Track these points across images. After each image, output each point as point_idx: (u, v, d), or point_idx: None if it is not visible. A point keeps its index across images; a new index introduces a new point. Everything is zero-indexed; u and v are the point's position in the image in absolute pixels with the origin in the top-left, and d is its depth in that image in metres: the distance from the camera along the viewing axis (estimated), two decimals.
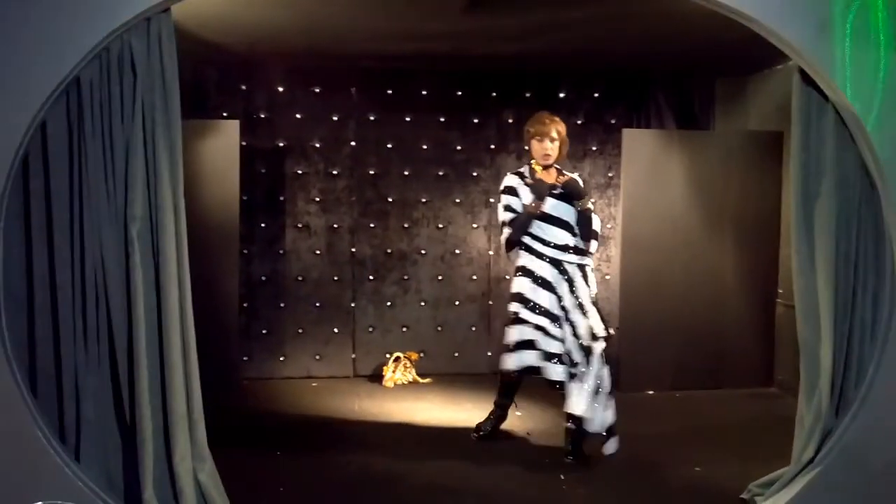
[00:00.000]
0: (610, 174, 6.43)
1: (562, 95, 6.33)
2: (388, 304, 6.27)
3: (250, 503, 3.61)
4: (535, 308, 4.24)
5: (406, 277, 6.28)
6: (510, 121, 6.28)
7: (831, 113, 3.31)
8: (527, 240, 4.30)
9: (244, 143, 5.64)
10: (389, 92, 6.15)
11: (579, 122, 6.38)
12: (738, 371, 5.84)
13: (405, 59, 5.69)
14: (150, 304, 3.14)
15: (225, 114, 5.86)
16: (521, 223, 4.29)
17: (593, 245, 4.33)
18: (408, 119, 6.20)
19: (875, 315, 3.36)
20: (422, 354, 6.17)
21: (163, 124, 3.11)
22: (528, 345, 4.27)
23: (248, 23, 4.52)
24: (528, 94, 6.29)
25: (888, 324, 3.30)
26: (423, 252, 6.26)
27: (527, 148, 4.46)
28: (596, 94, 6.37)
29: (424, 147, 6.18)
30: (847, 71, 3.18)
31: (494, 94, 6.23)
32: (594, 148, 6.42)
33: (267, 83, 6.01)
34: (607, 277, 6.48)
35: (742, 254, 5.83)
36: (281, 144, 6.08)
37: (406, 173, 6.20)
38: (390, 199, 6.22)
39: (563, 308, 4.25)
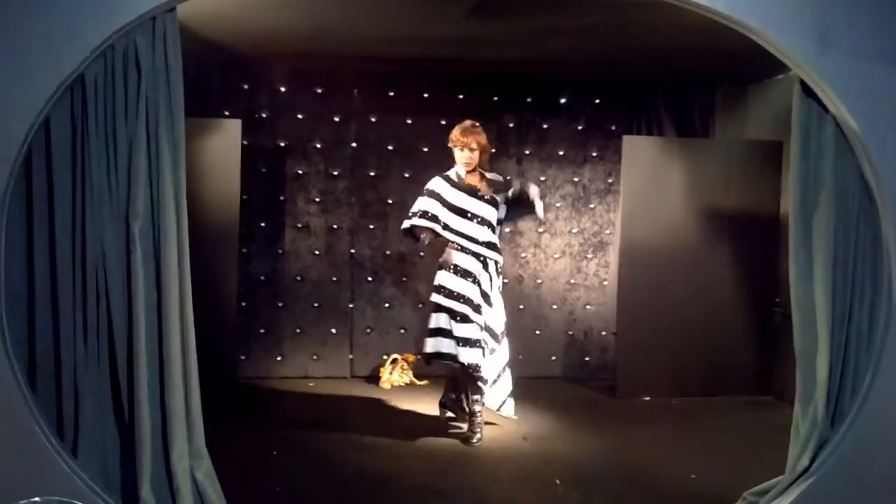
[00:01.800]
0: (610, 180, 6.45)
1: (563, 101, 6.35)
2: (387, 305, 6.28)
3: (246, 502, 3.62)
4: (458, 298, 4.63)
5: (405, 279, 6.30)
6: (511, 125, 6.30)
7: (831, 125, 3.32)
8: (455, 238, 4.68)
9: (245, 143, 5.64)
10: (391, 94, 6.17)
11: (580, 127, 6.41)
12: (734, 378, 5.85)
13: (407, 62, 5.70)
14: (150, 302, 3.14)
15: (227, 113, 5.87)
16: (417, 235, 4.77)
17: (540, 208, 4.79)
18: (409, 121, 6.21)
19: (872, 325, 3.37)
20: (419, 356, 6.16)
21: (166, 123, 3.12)
22: (445, 332, 4.65)
23: (253, 23, 4.53)
24: (529, 99, 6.32)
25: (884, 334, 3.30)
26: (421, 254, 6.27)
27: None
28: (597, 101, 6.39)
29: (425, 149, 6.20)
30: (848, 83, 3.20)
31: (496, 98, 6.25)
32: (594, 154, 6.44)
33: (269, 83, 6.03)
34: (605, 283, 6.50)
35: (740, 262, 5.85)
36: (282, 144, 6.10)
37: (406, 175, 6.21)
38: (390, 201, 6.24)
39: (483, 296, 4.70)
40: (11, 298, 3.03)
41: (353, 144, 6.18)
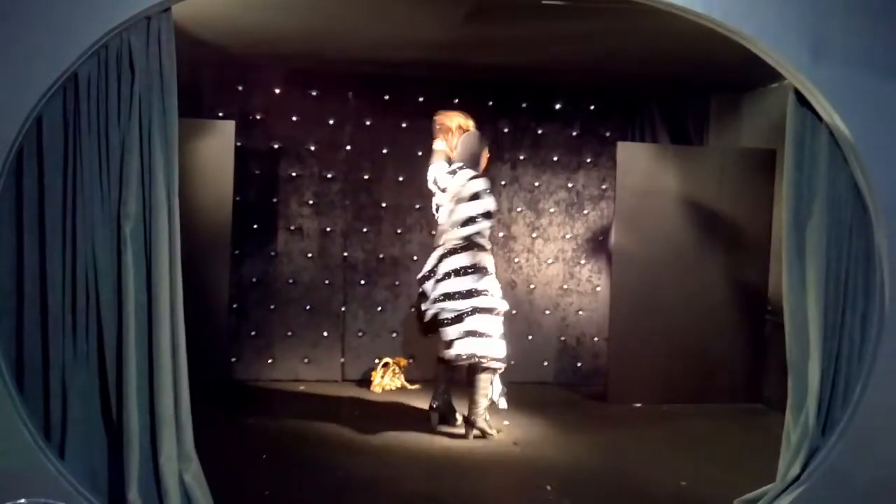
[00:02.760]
0: (604, 186, 6.46)
1: (558, 107, 6.36)
2: (379, 309, 6.27)
3: None
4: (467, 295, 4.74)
5: (397, 283, 6.28)
6: (506, 130, 6.30)
7: (825, 134, 3.33)
8: (484, 241, 4.84)
9: (239, 144, 5.64)
10: (386, 97, 6.17)
11: (574, 133, 6.42)
12: (725, 386, 5.86)
13: (403, 66, 5.70)
14: (140, 303, 3.12)
15: (220, 114, 5.85)
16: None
17: None
18: (403, 125, 6.21)
19: (863, 335, 3.38)
20: (411, 361, 6.16)
21: (159, 123, 3.10)
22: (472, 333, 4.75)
23: (248, 25, 4.52)
24: (524, 105, 6.32)
25: (876, 344, 3.31)
26: (415, 258, 6.26)
27: (437, 139, 4.96)
28: (592, 107, 6.40)
29: (419, 153, 6.18)
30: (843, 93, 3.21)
31: (491, 103, 6.25)
32: (588, 160, 6.45)
33: (264, 84, 6.01)
34: (597, 289, 6.50)
35: (732, 270, 5.86)
36: (276, 146, 6.08)
37: (400, 179, 6.20)
38: (384, 205, 6.23)
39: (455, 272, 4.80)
40: (0, 297, 3.01)
41: (348, 147, 6.17)
